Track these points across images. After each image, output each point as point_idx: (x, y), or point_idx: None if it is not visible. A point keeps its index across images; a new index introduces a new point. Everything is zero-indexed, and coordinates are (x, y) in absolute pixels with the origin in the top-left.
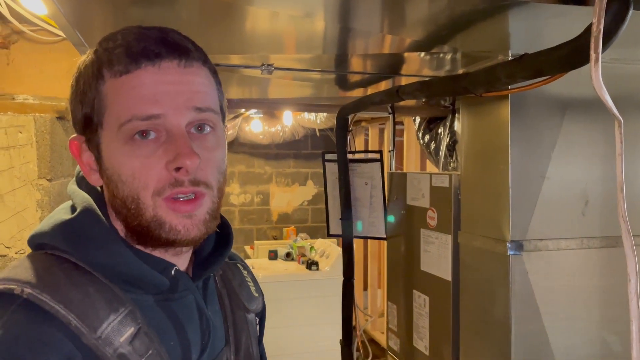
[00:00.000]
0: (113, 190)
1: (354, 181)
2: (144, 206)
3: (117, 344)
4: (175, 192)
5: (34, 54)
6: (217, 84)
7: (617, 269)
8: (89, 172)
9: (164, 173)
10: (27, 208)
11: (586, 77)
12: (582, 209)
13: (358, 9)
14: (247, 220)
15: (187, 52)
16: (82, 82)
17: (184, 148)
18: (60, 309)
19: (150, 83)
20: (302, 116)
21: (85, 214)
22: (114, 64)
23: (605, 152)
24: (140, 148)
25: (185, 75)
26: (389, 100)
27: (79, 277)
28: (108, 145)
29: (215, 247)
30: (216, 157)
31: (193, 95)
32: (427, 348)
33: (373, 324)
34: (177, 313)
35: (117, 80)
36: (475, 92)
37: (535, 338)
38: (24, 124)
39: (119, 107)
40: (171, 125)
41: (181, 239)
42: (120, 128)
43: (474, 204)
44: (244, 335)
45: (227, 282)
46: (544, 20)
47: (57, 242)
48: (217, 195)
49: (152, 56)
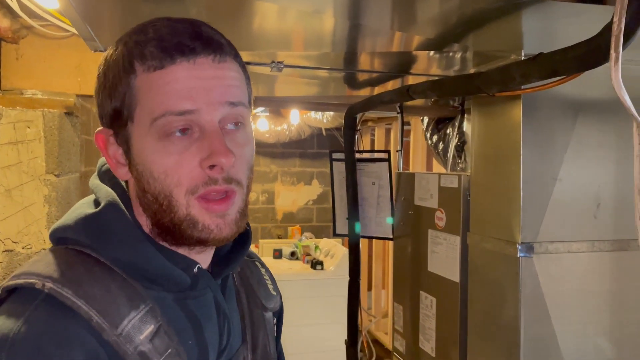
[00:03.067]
0: (144, 186)
1: (362, 181)
2: (176, 204)
3: (138, 341)
4: (209, 190)
5: (43, 49)
6: (247, 79)
7: (628, 272)
8: (116, 165)
9: (197, 171)
10: (34, 203)
11: (599, 78)
12: (594, 212)
13: (368, 5)
14: (252, 219)
15: (221, 46)
16: (112, 75)
17: (219, 145)
18: (82, 304)
19: (185, 78)
20: (309, 115)
21: (110, 208)
22: (147, 58)
23: (618, 154)
24: (173, 144)
25: (219, 70)
26: (399, 100)
27: (100, 272)
28: (139, 140)
29: (234, 245)
30: (246, 154)
31: (227, 90)
32: (434, 350)
33: (377, 325)
34: (196, 312)
35: (151, 74)
36: (488, 91)
37: (544, 342)
38: (32, 119)
39: (152, 102)
40: (205, 121)
41: (214, 237)
42: (153, 123)
43: (484, 205)
44: (261, 333)
45: (245, 280)
46: (558, 20)
47: (79, 236)
48: (246, 193)
49: (187, 51)
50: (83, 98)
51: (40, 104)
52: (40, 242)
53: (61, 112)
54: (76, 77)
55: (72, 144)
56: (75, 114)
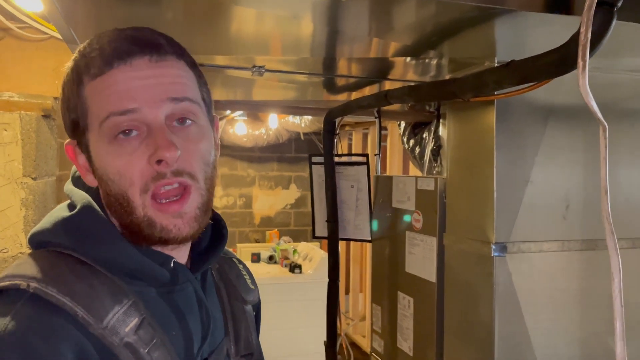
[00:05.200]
0: (106, 189)
1: (340, 184)
2: (134, 205)
3: (123, 333)
4: (159, 185)
5: (20, 52)
6: (197, 77)
7: (596, 271)
8: (85, 173)
9: (146, 167)
10: (11, 206)
11: (569, 85)
12: (564, 213)
13: (346, 12)
14: (230, 223)
15: (158, 46)
16: (67, 89)
17: (162, 140)
18: (67, 301)
19: (124, 80)
20: (287, 119)
21: (86, 210)
22: (90, 68)
23: (586, 158)
24: (122, 146)
25: (158, 68)
26: (377, 104)
27: (82, 271)
28: (95, 145)
29: (211, 242)
30: (200, 148)
31: (167, 87)
32: (411, 349)
33: (354, 328)
34: (179, 304)
35: (94, 82)
36: (463, 97)
37: (518, 338)
38: (9, 122)
39: (98, 106)
40: (149, 119)
41: (174, 237)
42: (101, 126)
43: (459, 207)
44: (242, 325)
45: (224, 275)
46: (529, 29)
47: (59, 238)
48: (206, 188)
49: (124, 55)
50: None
51: (17, 106)
52: (17, 246)
53: (38, 114)
54: (53, 80)
55: (49, 147)
56: (52, 116)
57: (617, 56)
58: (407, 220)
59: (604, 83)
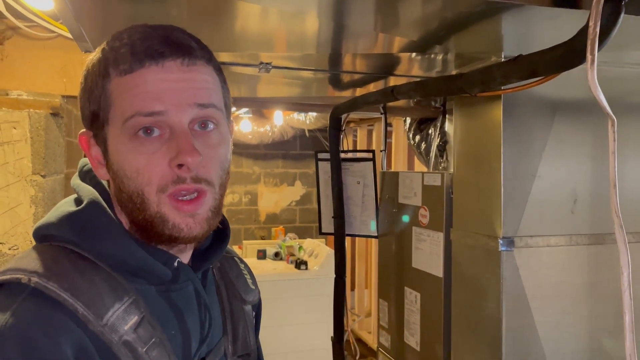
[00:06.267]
0: (119, 185)
1: (347, 180)
2: (148, 202)
3: (122, 331)
4: (178, 189)
5: (28, 50)
6: (222, 82)
7: (604, 265)
8: (97, 166)
9: (166, 170)
10: (20, 204)
11: (576, 79)
12: (571, 207)
13: (352, 7)
14: (235, 220)
15: (190, 50)
16: (90, 79)
17: (186, 145)
18: (67, 297)
19: (154, 81)
20: (292, 116)
21: (92, 206)
22: (120, 63)
23: (594, 152)
24: (144, 145)
25: (188, 73)
26: (384, 100)
27: (84, 267)
28: (114, 141)
29: (213, 241)
30: (219, 154)
31: (195, 92)
32: (418, 344)
33: (360, 324)
34: (178, 304)
35: (122, 78)
36: (470, 92)
37: (525, 333)
38: (18, 120)
39: (124, 104)
40: (173, 122)
41: (184, 236)
42: (125, 124)
43: (466, 202)
44: (241, 325)
45: (225, 274)
46: (536, 23)
47: (63, 232)
48: (219, 192)
49: (156, 55)
50: (67, 99)
51: (26, 104)
52: (27, 243)
53: (47, 112)
54: (61, 78)
55: (57, 144)
56: (60, 114)
57: (625, 49)
58: (414, 216)
59: (612, 77)
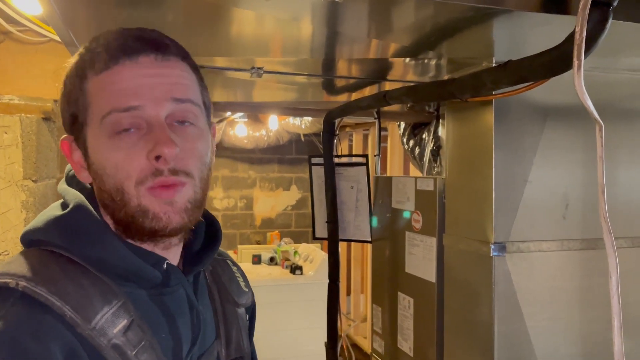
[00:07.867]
0: (100, 185)
1: (340, 185)
2: (128, 196)
3: (111, 334)
4: (157, 182)
5: (20, 55)
6: (199, 80)
7: (595, 270)
8: (80, 170)
9: (145, 163)
10: (11, 209)
11: (566, 84)
12: (563, 212)
13: (346, 13)
14: (231, 225)
15: (164, 46)
16: (69, 82)
17: (162, 137)
18: (56, 300)
19: (129, 77)
20: (287, 121)
21: (78, 209)
22: (95, 62)
23: (584, 157)
24: (122, 140)
25: (163, 68)
26: (376, 105)
27: (73, 270)
28: (93, 140)
29: (205, 244)
30: (197, 148)
31: (171, 87)
32: (412, 349)
33: (355, 329)
34: (169, 307)
35: (98, 77)
36: (461, 97)
37: (517, 338)
38: (9, 125)
39: (101, 101)
40: (150, 116)
41: (164, 227)
42: (102, 121)
43: (458, 207)
44: (234, 329)
45: (217, 278)
46: (526, 28)
47: (51, 237)
48: (200, 186)
49: (130, 52)
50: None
51: (18, 109)
52: (18, 249)
53: (39, 117)
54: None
55: (49, 149)
56: (52, 119)
57: (617, 55)
58: (407, 221)
59: (604, 82)
